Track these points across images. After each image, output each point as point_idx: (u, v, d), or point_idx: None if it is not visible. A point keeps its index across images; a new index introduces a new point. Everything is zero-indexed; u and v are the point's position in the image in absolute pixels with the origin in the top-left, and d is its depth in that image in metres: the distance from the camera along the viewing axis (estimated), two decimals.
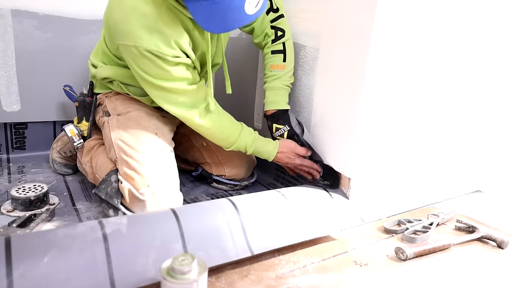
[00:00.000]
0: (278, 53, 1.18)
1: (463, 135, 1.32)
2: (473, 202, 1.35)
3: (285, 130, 1.17)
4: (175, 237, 0.81)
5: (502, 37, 1.27)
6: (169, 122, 1.22)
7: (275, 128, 1.19)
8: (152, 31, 0.95)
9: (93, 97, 1.24)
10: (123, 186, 1.01)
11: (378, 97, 1.04)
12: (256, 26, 1.21)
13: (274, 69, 1.18)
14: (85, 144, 1.24)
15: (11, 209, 1.07)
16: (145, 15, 0.95)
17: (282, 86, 1.18)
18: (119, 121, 1.13)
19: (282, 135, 1.18)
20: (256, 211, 0.93)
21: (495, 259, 0.98)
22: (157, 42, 0.95)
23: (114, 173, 1.06)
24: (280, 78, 1.18)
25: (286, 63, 1.18)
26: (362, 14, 0.99)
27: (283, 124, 1.18)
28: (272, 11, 1.18)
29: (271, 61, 1.19)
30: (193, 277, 0.65)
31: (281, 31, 1.18)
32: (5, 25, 1.35)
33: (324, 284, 0.81)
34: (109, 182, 1.04)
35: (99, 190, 1.05)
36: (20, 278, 0.65)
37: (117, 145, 1.07)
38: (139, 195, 0.99)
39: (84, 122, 1.26)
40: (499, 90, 1.35)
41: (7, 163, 1.43)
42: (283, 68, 1.18)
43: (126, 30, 0.96)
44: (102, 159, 1.14)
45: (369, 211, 1.12)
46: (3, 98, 1.41)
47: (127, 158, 1.03)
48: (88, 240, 0.74)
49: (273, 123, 1.20)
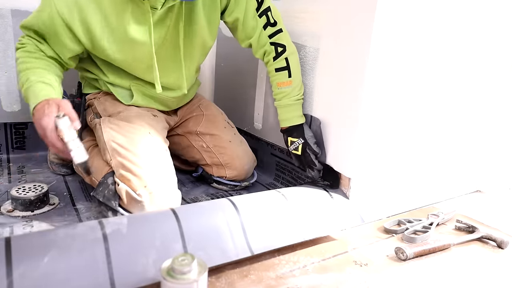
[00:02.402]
0: (282, 70, 1.16)
1: (463, 135, 1.32)
2: (473, 202, 1.35)
3: (299, 144, 1.16)
4: (175, 237, 0.81)
5: (502, 37, 1.27)
6: (161, 120, 1.22)
7: (290, 141, 1.18)
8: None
9: (81, 97, 1.23)
10: (120, 188, 1.01)
11: (378, 97, 1.04)
12: (253, 42, 1.18)
13: (281, 86, 1.16)
14: None
15: (11, 209, 1.07)
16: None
17: (292, 102, 1.17)
18: (111, 122, 1.12)
19: (297, 148, 1.17)
20: (256, 211, 0.93)
21: (495, 259, 0.98)
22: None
23: (111, 175, 1.05)
24: (288, 95, 1.17)
25: (292, 78, 1.16)
26: (362, 14, 0.99)
27: (297, 137, 1.17)
28: (270, 25, 1.15)
29: (276, 79, 1.17)
30: (193, 277, 0.65)
31: (281, 46, 1.16)
32: (5, 25, 1.35)
33: (324, 284, 0.81)
34: (106, 185, 1.04)
35: (97, 193, 1.04)
36: (20, 278, 0.65)
37: (110, 147, 1.06)
38: (137, 196, 0.98)
39: None
40: (499, 90, 1.35)
41: (7, 163, 1.43)
42: (290, 84, 1.16)
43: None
44: (97, 162, 1.13)
45: (369, 211, 1.12)
46: (3, 98, 1.41)
47: (122, 159, 1.02)
48: (88, 240, 0.74)
49: (288, 136, 1.19)
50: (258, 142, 1.51)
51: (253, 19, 1.15)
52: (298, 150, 1.17)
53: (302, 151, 1.16)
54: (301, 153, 1.16)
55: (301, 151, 1.16)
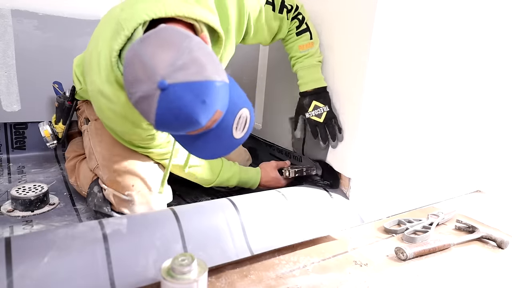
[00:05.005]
0: (304, 32, 1.12)
1: (463, 135, 1.32)
2: (473, 202, 1.35)
3: (324, 110, 1.09)
4: (175, 237, 0.81)
5: (502, 37, 1.27)
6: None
7: (314, 106, 1.10)
8: (121, 116, 0.90)
9: (73, 102, 1.22)
10: (107, 193, 1.00)
11: (379, 97, 1.04)
12: (280, 36, 1.14)
13: (304, 48, 1.12)
14: (66, 165, 1.23)
15: (11, 209, 1.07)
16: (111, 100, 0.88)
17: (316, 63, 1.12)
18: (96, 127, 1.11)
19: (320, 115, 1.09)
20: (256, 211, 0.93)
21: (495, 259, 0.98)
22: (129, 126, 0.92)
23: (95, 184, 1.05)
24: (313, 56, 1.12)
25: (313, 40, 1.12)
26: (362, 13, 0.99)
27: (324, 103, 1.10)
28: (288, 11, 1.10)
29: (298, 42, 1.13)
30: (193, 277, 0.65)
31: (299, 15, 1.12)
32: (5, 25, 1.35)
33: (324, 284, 0.81)
34: (94, 194, 1.03)
35: (88, 204, 1.04)
36: (20, 278, 0.65)
37: (96, 151, 1.06)
38: (126, 197, 0.98)
39: (60, 124, 1.25)
40: (499, 90, 1.35)
41: (7, 163, 1.42)
42: (312, 46, 1.12)
43: (97, 109, 0.94)
44: (83, 175, 1.13)
45: (369, 211, 1.12)
46: (3, 98, 1.41)
47: (107, 162, 1.02)
48: (88, 240, 0.74)
49: (313, 100, 1.11)
50: (258, 142, 1.51)
51: (275, 21, 1.09)
52: (321, 118, 1.09)
53: (325, 120, 1.10)
54: (323, 121, 1.10)
55: (323, 119, 1.10)
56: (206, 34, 0.83)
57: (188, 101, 0.65)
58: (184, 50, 0.65)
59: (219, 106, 0.70)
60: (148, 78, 0.65)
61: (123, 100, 0.87)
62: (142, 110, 0.69)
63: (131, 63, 0.68)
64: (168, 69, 0.64)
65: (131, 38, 0.78)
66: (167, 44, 0.66)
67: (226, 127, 0.75)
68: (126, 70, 0.69)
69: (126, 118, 0.90)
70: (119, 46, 0.79)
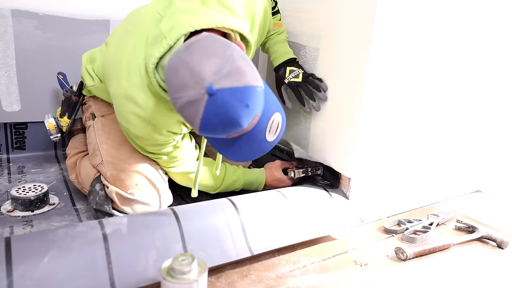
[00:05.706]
0: (277, 13, 1.23)
1: (463, 135, 1.32)
2: (473, 202, 1.35)
3: (300, 72, 1.16)
4: (175, 237, 0.81)
5: (502, 37, 1.27)
6: None
7: (289, 70, 1.17)
8: (145, 121, 0.92)
9: (80, 96, 1.22)
10: (110, 191, 1.00)
11: (379, 97, 1.04)
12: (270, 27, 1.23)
13: (276, 27, 1.23)
14: (67, 162, 1.23)
15: (11, 209, 1.07)
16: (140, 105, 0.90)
17: (285, 39, 1.23)
18: (103, 124, 1.11)
19: (297, 75, 1.16)
20: (256, 211, 0.93)
21: (495, 259, 0.98)
22: (150, 131, 0.94)
23: (97, 181, 1.05)
24: (283, 33, 1.23)
25: (281, 21, 1.24)
26: (362, 14, 0.99)
27: (297, 67, 1.17)
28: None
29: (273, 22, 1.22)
30: (193, 277, 0.65)
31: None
32: (5, 25, 1.35)
33: (324, 284, 0.81)
34: (95, 192, 1.03)
35: (89, 202, 1.04)
36: (20, 278, 0.65)
37: (102, 148, 1.06)
38: (129, 195, 0.98)
39: (65, 118, 1.25)
40: (499, 90, 1.35)
41: (7, 163, 1.42)
42: (281, 26, 1.24)
43: (119, 111, 0.95)
44: (84, 172, 1.13)
45: (369, 211, 1.12)
46: (3, 98, 1.41)
47: (113, 159, 1.02)
48: (88, 240, 0.74)
49: (287, 67, 1.18)
50: None
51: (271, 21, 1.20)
52: (299, 77, 1.16)
53: (303, 78, 1.15)
54: (301, 80, 1.15)
55: (301, 78, 1.15)
56: (241, 42, 0.87)
57: (233, 105, 0.69)
58: (228, 58, 0.70)
59: (258, 110, 0.74)
60: (196, 84, 0.68)
61: (151, 106, 0.90)
62: (187, 114, 0.72)
63: (177, 69, 0.71)
64: (215, 76, 0.68)
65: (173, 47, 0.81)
66: (212, 52, 0.71)
67: (260, 131, 0.79)
68: (171, 75, 0.72)
69: (149, 123, 0.92)
70: (160, 53, 0.82)
